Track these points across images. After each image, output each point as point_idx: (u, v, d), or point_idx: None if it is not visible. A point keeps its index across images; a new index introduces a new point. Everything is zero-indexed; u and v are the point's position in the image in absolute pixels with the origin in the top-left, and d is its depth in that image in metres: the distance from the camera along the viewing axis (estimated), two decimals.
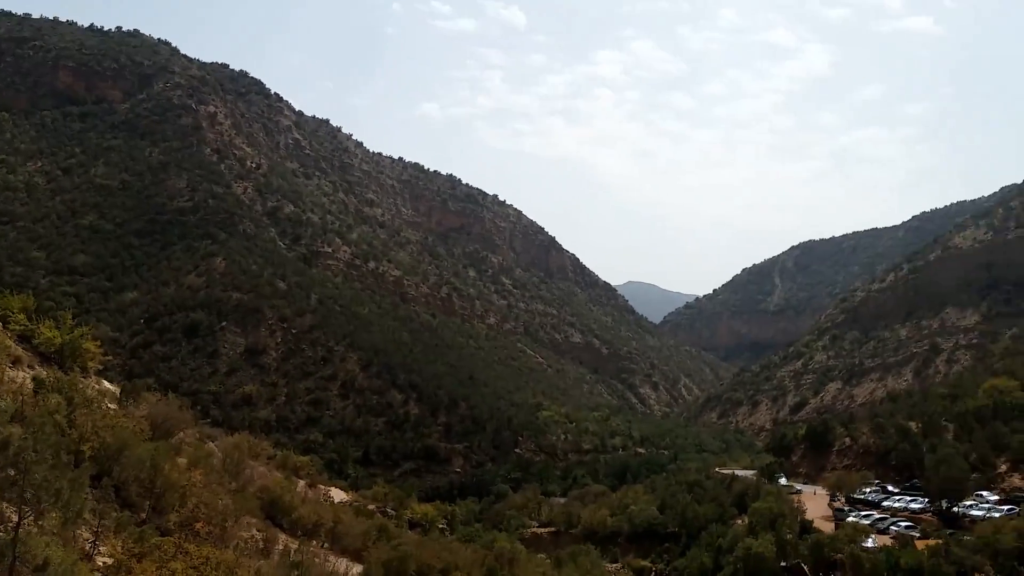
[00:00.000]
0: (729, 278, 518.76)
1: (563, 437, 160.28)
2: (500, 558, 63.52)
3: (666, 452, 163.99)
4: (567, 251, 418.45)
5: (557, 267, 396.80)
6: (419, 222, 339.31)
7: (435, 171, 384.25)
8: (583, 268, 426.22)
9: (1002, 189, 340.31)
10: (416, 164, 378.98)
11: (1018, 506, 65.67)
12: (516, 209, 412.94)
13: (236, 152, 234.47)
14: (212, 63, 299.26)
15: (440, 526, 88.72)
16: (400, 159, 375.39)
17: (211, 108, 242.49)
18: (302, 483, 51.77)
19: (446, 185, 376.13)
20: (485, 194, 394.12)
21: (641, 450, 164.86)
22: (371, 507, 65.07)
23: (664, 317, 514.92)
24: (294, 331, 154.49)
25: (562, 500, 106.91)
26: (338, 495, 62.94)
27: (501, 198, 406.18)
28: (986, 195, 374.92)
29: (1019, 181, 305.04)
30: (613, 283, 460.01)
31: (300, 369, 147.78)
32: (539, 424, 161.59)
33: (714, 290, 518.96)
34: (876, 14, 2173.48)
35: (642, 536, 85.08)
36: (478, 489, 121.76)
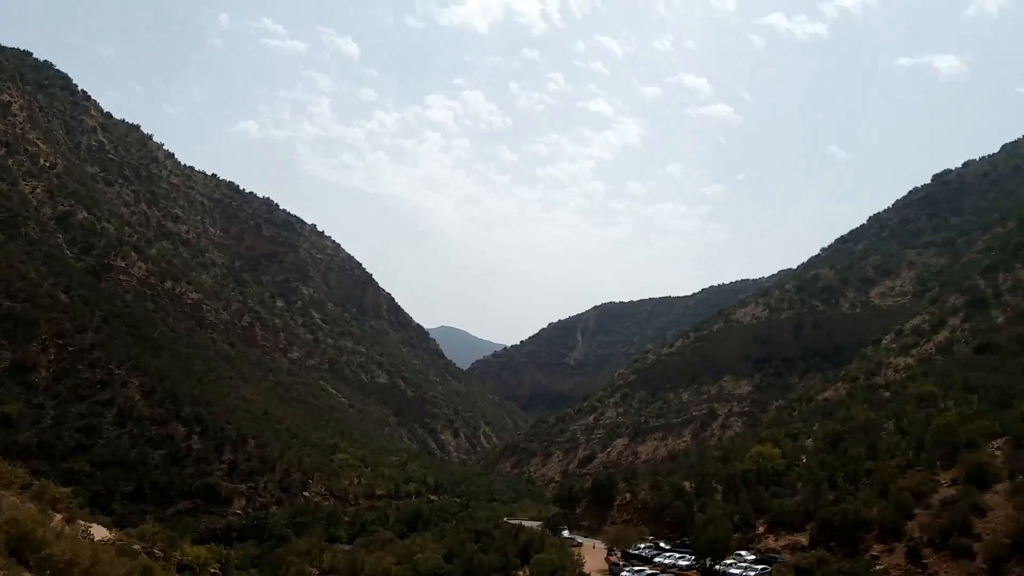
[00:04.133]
0: (536, 331, 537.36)
1: (357, 481, 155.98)
2: None
3: (459, 500, 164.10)
4: (383, 290, 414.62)
5: (372, 305, 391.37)
6: (228, 244, 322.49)
7: (251, 192, 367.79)
8: (398, 309, 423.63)
9: (780, 272, 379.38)
10: (231, 183, 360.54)
11: (770, 565, 71.65)
12: (335, 242, 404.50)
13: (28, 148, 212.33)
14: (12, 48, 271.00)
15: (212, 571, 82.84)
16: (214, 176, 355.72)
17: (4, 96, 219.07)
18: (59, 517, 46.57)
19: (262, 208, 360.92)
20: (303, 223, 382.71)
21: (435, 497, 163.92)
22: (137, 547, 59.51)
23: (473, 364, 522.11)
24: (71, 348, 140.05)
25: (348, 547, 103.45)
26: (100, 532, 57.07)
27: (320, 228, 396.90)
28: (766, 276, 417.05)
29: (794, 266, 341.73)
30: (427, 326, 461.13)
31: (73, 391, 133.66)
32: (333, 467, 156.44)
33: (521, 341, 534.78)
34: (687, 97, 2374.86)
35: None
36: (259, 533, 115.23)
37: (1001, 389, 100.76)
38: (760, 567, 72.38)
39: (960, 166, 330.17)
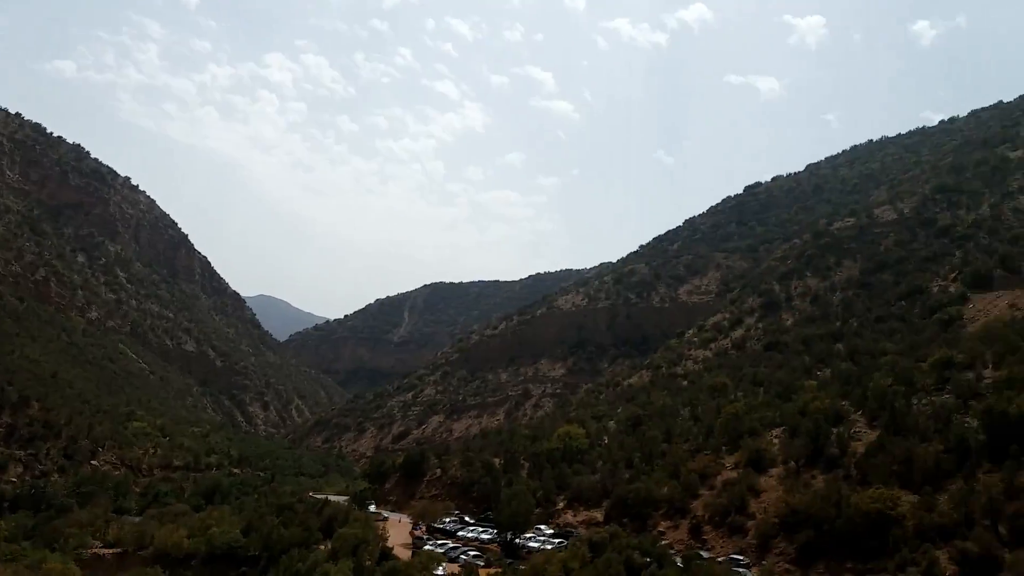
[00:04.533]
0: (363, 306, 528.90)
1: (152, 451, 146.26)
2: None
3: (263, 474, 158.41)
4: (199, 253, 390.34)
5: (184, 268, 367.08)
6: (27, 191, 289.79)
7: (59, 137, 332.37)
8: (214, 273, 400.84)
9: (600, 264, 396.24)
10: (36, 125, 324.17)
11: (567, 539, 74.63)
12: (149, 197, 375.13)
13: None
14: None
15: None
16: (17, 115, 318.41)
17: None
18: None
19: (70, 155, 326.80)
20: (116, 174, 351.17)
21: (237, 470, 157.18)
22: None
23: (291, 335, 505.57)
24: None
25: (137, 519, 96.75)
26: None
27: (134, 182, 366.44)
28: (588, 267, 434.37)
29: (614, 260, 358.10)
30: (244, 294, 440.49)
31: None
32: (127, 435, 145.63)
33: (346, 315, 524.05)
34: (532, 90, 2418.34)
35: (220, 559, 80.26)
36: (35, 503, 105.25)
37: (784, 384, 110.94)
38: (557, 541, 75.18)
39: (769, 180, 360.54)
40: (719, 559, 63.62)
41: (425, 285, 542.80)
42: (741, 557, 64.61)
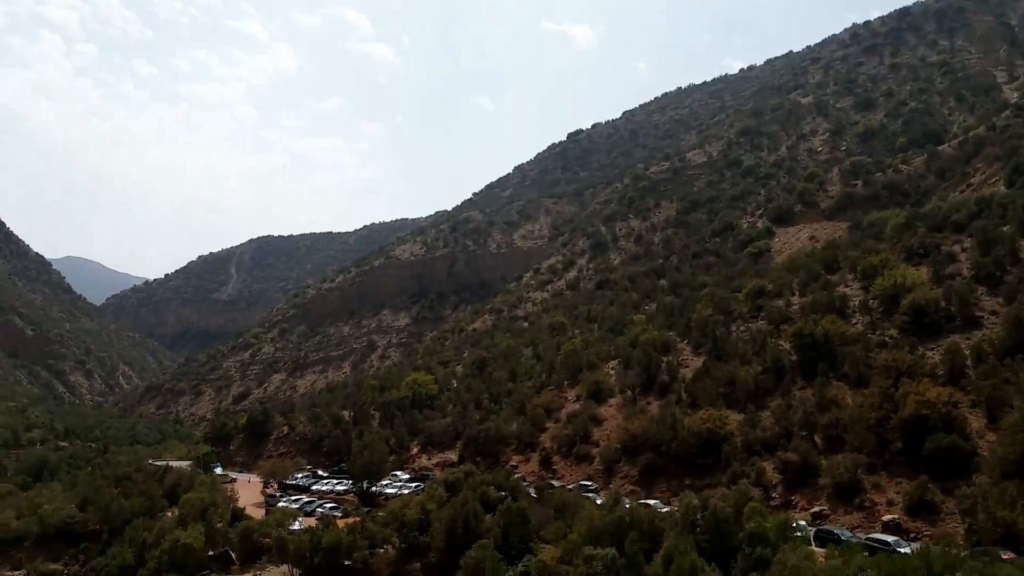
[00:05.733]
0: (184, 264, 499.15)
1: None
2: None
3: (95, 445, 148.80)
4: None
5: None
6: None
7: None
8: (10, 235, 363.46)
9: (436, 212, 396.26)
10: None
11: (423, 483, 76.50)
12: None
13: None
14: None
15: None
16: None
17: None
18: None
19: None
20: None
21: (65, 444, 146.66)
22: None
23: (107, 299, 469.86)
24: None
25: None
26: None
27: None
28: (424, 215, 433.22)
29: (449, 208, 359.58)
30: (48, 256, 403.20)
31: None
32: None
33: (166, 275, 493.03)
34: (346, 32, 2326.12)
35: (56, 538, 75.63)
36: None
37: (616, 319, 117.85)
38: (414, 484, 76.92)
39: (590, 127, 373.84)
40: (569, 487, 67.80)
41: (251, 240, 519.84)
42: (589, 483, 69.24)
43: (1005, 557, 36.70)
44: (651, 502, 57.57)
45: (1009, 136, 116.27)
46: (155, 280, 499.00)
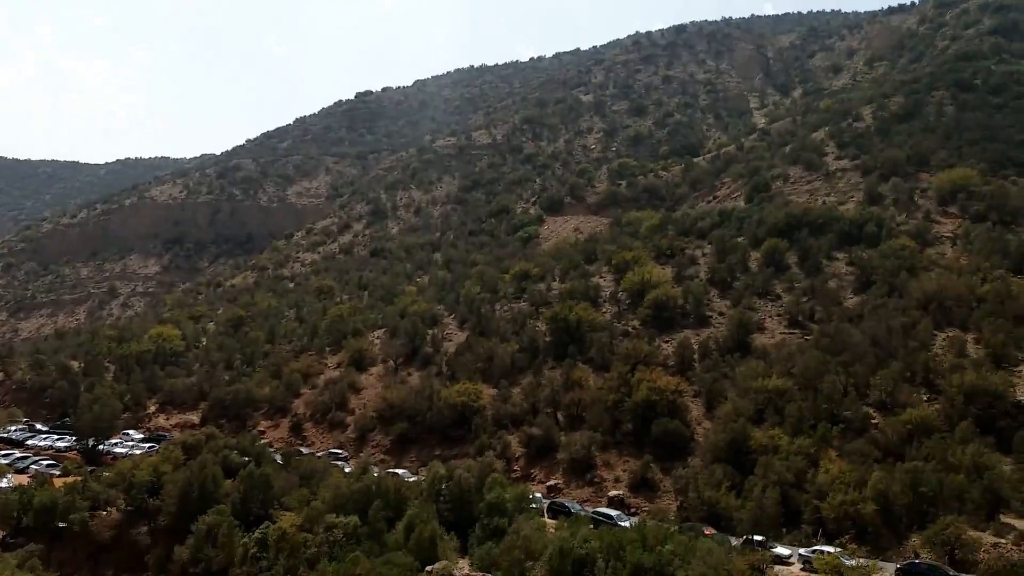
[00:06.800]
0: None
1: None
2: None
3: None
4: None
5: None
6: None
7: None
8: None
9: (202, 155, 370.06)
10: None
11: (158, 444, 71.43)
12: None
13: None
14: None
15: None
16: None
17: None
18: None
19: None
20: None
21: None
22: None
23: None
24: None
25: None
26: None
27: None
28: (188, 157, 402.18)
29: (218, 152, 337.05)
30: None
31: None
32: None
33: None
34: None
35: None
36: None
37: (388, 288, 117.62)
38: (148, 445, 71.66)
39: (379, 90, 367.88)
40: (318, 454, 66.70)
41: None
42: (340, 451, 68.63)
43: (707, 532, 41.52)
44: (400, 471, 58.27)
45: (753, 157, 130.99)
46: None
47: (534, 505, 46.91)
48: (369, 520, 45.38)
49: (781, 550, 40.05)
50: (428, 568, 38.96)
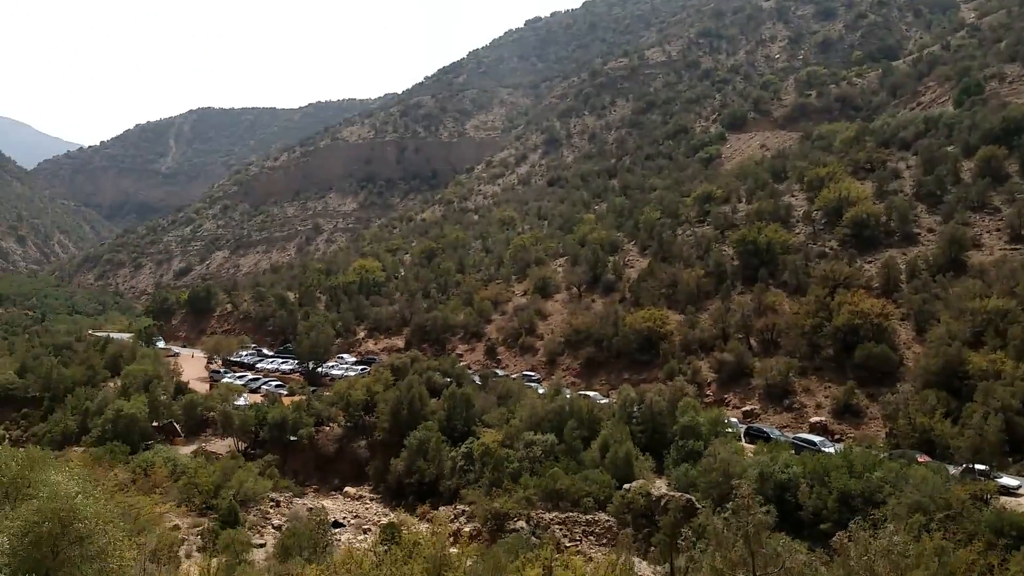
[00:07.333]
0: (120, 131, 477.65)
1: None
2: None
3: (32, 313, 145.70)
4: None
5: None
6: None
7: None
8: None
9: (385, 95, 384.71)
10: None
11: (369, 366, 77.78)
12: None
13: None
14: None
15: None
16: None
17: None
18: None
19: None
20: None
21: (1, 310, 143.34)
22: None
23: (39, 164, 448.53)
24: None
25: None
26: None
27: None
28: (373, 97, 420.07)
29: (399, 91, 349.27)
30: None
31: None
32: None
33: (102, 142, 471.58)
34: None
35: None
36: None
37: (566, 217, 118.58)
38: (361, 368, 78.10)
39: (548, 16, 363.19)
40: (513, 376, 69.81)
41: (191, 110, 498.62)
42: (532, 373, 71.43)
43: (921, 460, 39.58)
44: (590, 393, 59.84)
45: (961, 57, 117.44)
46: (90, 146, 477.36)
47: (730, 430, 46.79)
48: (564, 439, 47.41)
49: (1008, 480, 37.49)
50: (626, 485, 40.37)
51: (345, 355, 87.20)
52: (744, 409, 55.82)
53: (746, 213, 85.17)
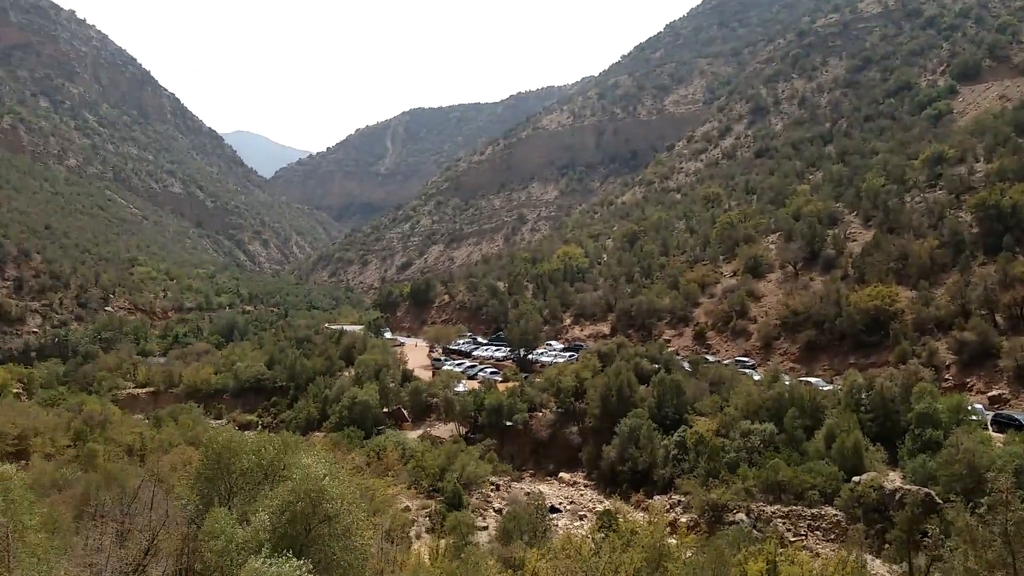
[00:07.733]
0: (343, 137, 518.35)
1: (162, 295, 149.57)
2: (89, 420, 58.80)
3: (276, 310, 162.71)
4: (166, 90, 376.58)
5: (153, 107, 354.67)
6: None
7: None
8: (185, 111, 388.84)
9: (583, 79, 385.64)
10: None
11: (576, 352, 78.97)
12: (101, 32, 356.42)
13: None
14: None
15: (15, 391, 78.51)
16: None
17: None
18: None
19: None
20: (59, 8, 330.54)
21: (250, 308, 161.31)
22: None
23: (276, 172, 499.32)
24: None
25: (162, 360, 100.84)
26: None
27: (80, 15, 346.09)
28: (570, 83, 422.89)
29: (596, 74, 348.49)
30: (220, 131, 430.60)
31: None
32: (134, 280, 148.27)
33: (327, 148, 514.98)
34: None
35: (249, 392, 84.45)
36: (61, 351, 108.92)
37: (777, 189, 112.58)
38: (568, 354, 79.48)
39: None
40: (725, 362, 67.74)
41: (404, 112, 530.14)
42: (746, 359, 68.84)
43: None
44: (812, 380, 56.70)
45: None
46: (318, 153, 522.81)
47: (974, 417, 42.47)
48: (785, 428, 45.38)
49: None
50: (855, 478, 37.99)
51: (553, 341, 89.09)
52: (990, 394, 50.37)
53: (985, 173, 76.48)
